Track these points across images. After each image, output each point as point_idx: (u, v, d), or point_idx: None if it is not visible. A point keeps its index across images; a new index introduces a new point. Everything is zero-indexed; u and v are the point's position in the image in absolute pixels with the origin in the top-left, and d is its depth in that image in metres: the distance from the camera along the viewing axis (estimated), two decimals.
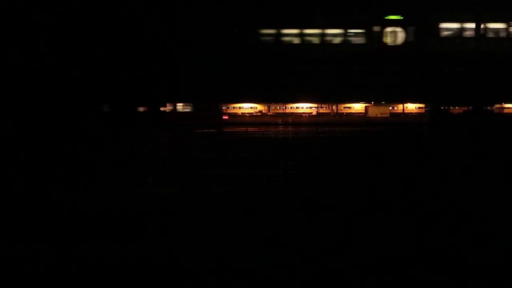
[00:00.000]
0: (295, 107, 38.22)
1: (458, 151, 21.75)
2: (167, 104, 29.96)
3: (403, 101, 36.68)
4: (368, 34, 26.77)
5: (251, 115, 37.77)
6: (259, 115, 37.90)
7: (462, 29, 26.98)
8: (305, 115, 38.31)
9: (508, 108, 34.07)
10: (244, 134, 30.19)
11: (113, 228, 13.12)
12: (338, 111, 38.62)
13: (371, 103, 37.57)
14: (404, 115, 37.63)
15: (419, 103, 35.98)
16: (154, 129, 25.34)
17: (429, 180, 17.51)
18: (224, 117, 33.80)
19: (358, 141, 26.12)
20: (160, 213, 14.65)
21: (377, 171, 19.37)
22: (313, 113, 38.57)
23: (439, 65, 26.31)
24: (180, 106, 31.78)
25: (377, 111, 37.67)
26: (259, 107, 37.75)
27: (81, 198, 16.40)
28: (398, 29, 26.88)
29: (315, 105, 38.09)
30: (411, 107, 37.32)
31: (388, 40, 26.81)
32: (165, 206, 15.57)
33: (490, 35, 26.95)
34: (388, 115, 37.44)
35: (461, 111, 31.25)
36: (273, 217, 13.70)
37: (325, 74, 26.18)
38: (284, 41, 26.77)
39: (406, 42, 26.86)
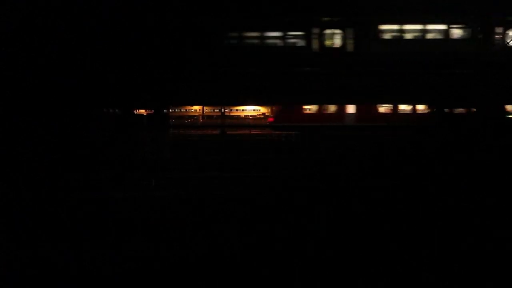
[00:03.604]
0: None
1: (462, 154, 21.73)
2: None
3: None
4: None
5: (254, 117, 37.74)
6: (262, 117, 37.87)
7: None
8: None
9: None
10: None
11: (115, 230, 13.16)
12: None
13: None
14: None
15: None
16: (156, 132, 25.37)
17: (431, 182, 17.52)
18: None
19: (360, 143, 26.09)
20: (162, 216, 14.70)
21: (377, 173, 19.40)
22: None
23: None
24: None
25: None
26: (262, 109, 37.74)
27: (82, 200, 16.44)
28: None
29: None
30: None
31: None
32: (167, 209, 15.62)
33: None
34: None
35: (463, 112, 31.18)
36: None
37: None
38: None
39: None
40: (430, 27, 26.32)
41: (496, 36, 26.13)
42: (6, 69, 21.28)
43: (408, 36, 26.21)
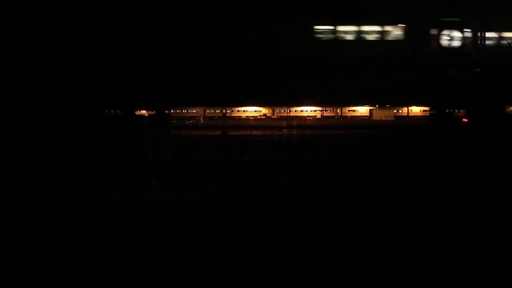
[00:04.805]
0: (299, 110, 38.19)
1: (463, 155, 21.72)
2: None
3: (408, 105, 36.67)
4: None
5: (255, 118, 37.80)
6: (264, 118, 37.94)
7: None
8: (310, 118, 38.28)
9: None
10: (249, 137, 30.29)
11: (115, 230, 13.16)
12: (343, 114, 38.58)
13: (376, 106, 37.57)
14: (409, 118, 37.58)
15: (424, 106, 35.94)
16: (158, 133, 25.41)
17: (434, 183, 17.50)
18: None
19: (362, 144, 26.10)
20: (163, 216, 14.69)
21: (380, 174, 19.37)
22: (318, 116, 38.52)
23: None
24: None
25: (381, 114, 37.66)
26: (263, 110, 37.77)
27: (84, 201, 16.44)
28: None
29: (320, 108, 38.06)
30: (416, 110, 37.30)
31: None
32: (168, 209, 15.62)
33: None
34: (392, 118, 37.41)
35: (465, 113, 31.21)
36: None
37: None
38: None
39: None
40: None
41: None
42: (6, 69, 21.30)
43: None
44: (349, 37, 26.55)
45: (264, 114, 38.31)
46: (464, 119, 30.41)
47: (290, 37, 25.83)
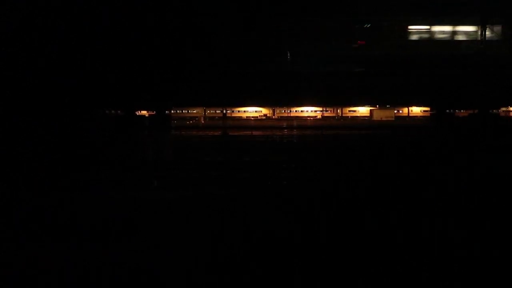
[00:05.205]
0: (299, 111, 38.26)
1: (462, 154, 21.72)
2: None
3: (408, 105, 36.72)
4: None
5: (255, 118, 37.87)
6: (264, 119, 38.02)
7: None
8: (310, 118, 38.34)
9: None
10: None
11: (115, 231, 13.14)
12: (343, 115, 38.63)
13: (376, 107, 37.61)
14: (409, 118, 37.68)
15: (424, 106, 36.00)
16: (158, 133, 25.43)
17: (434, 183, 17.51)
18: None
19: (362, 145, 26.13)
20: (163, 216, 14.67)
21: (380, 174, 19.39)
22: (318, 117, 38.59)
23: None
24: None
25: (382, 115, 37.69)
26: (263, 110, 37.82)
27: (84, 201, 16.42)
28: None
29: (320, 108, 38.15)
30: (416, 110, 37.39)
31: None
32: (168, 209, 15.60)
33: None
34: (393, 119, 37.48)
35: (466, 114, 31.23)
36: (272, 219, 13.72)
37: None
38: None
39: None
40: None
41: None
42: (6, 69, 21.30)
43: None
44: (443, 36, 26.49)
45: (265, 115, 38.34)
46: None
47: (378, 37, 25.78)
